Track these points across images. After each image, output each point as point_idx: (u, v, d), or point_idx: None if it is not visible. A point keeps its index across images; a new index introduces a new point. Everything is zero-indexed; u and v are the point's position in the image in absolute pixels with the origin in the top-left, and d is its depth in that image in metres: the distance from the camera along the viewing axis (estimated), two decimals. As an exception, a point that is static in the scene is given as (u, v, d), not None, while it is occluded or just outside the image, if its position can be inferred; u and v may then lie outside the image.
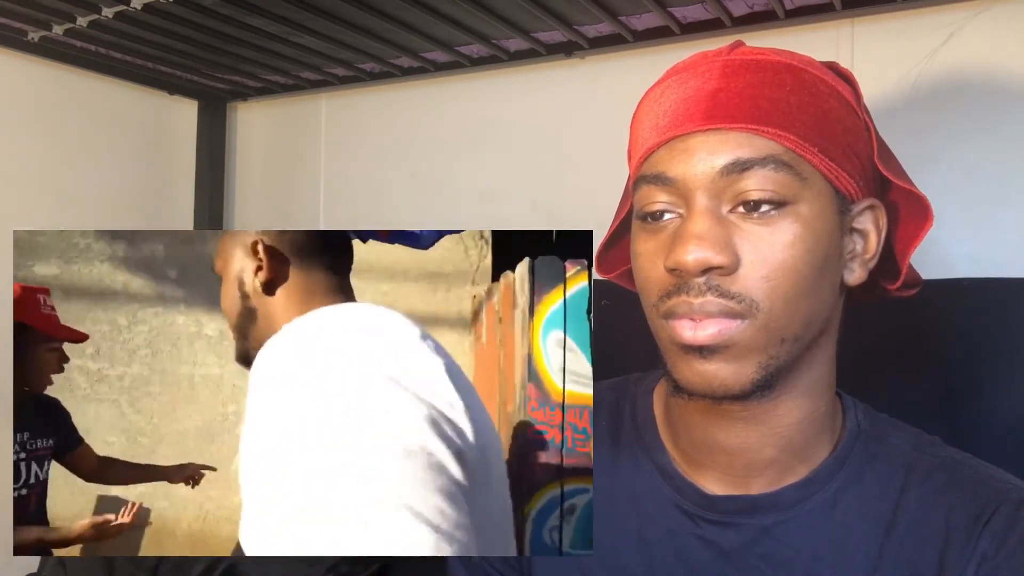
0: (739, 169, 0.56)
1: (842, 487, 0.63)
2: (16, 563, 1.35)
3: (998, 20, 1.01)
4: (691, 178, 0.57)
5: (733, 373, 0.57)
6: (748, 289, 0.55)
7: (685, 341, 0.56)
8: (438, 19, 1.17)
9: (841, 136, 0.58)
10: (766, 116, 0.56)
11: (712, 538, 0.64)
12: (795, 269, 0.56)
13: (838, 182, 0.58)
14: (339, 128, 1.64)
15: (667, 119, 0.59)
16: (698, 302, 0.56)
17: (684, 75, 0.61)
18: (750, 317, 0.56)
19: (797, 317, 0.57)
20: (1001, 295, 0.88)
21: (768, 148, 0.56)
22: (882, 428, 0.66)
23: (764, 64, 0.59)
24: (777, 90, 0.57)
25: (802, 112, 0.57)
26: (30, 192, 1.45)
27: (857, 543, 0.61)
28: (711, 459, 0.65)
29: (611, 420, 0.74)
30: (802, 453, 0.63)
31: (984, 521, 0.58)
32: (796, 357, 0.59)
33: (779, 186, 0.56)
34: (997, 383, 0.86)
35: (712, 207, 0.56)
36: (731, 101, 0.57)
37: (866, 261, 0.62)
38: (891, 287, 0.66)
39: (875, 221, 0.62)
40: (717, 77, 0.58)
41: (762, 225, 0.56)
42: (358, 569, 1.15)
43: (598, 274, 0.76)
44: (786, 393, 0.61)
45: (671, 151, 0.58)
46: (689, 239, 0.55)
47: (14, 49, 1.33)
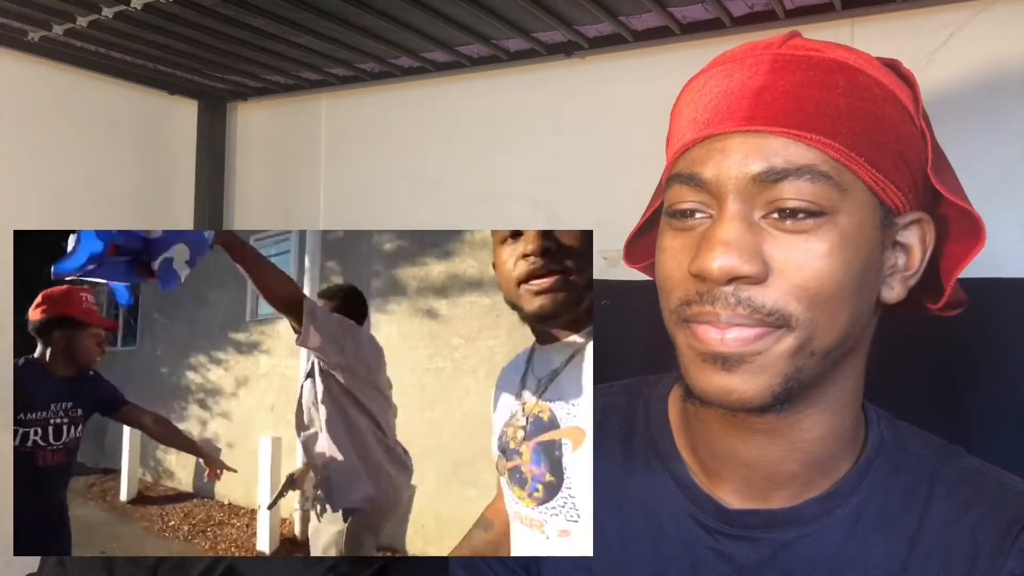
0: (773, 178, 0.53)
1: (864, 501, 0.61)
2: (16, 563, 1.35)
3: (998, 20, 1.01)
4: (724, 181, 0.54)
5: (754, 386, 0.54)
6: (783, 300, 0.52)
7: (711, 347, 0.54)
8: (438, 19, 1.17)
9: (893, 145, 0.55)
10: (811, 121, 0.53)
11: (729, 552, 0.62)
12: (833, 279, 0.52)
13: (883, 194, 0.55)
14: (339, 128, 1.64)
15: (707, 114, 0.56)
16: (726, 315, 0.53)
17: (730, 66, 0.57)
18: (784, 328, 0.53)
19: (833, 329, 0.54)
20: (1001, 295, 0.88)
21: (807, 157, 0.53)
22: (905, 439, 0.64)
23: (816, 62, 0.55)
24: (827, 92, 0.54)
25: (852, 118, 0.53)
26: (30, 192, 1.45)
27: (880, 558, 0.59)
28: (729, 470, 0.63)
29: (623, 425, 0.71)
30: (824, 468, 0.61)
31: (1013, 537, 0.56)
32: (822, 372, 0.56)
33: (816, 196, 0.52)
34: (997, 383, 0.85)
35: (744, 212, 0.53)
36: (775, 102, 0.53)
37: (907, 278, 0.58)
38: (933, 306, 0.62)
39: (921, 236, 0.58)
40: (765, 73, 0.55)
41: (796, 233, 0.53)
42: (358, 569, 1.15)
43: (625, 264, 0.73)
44: (810, 407, 0.58)
45: (708, 150, 0.55)
46: (716, 245, 0.52)
47: (14, 49, 1.33)
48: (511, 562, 0.72)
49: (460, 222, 1.49)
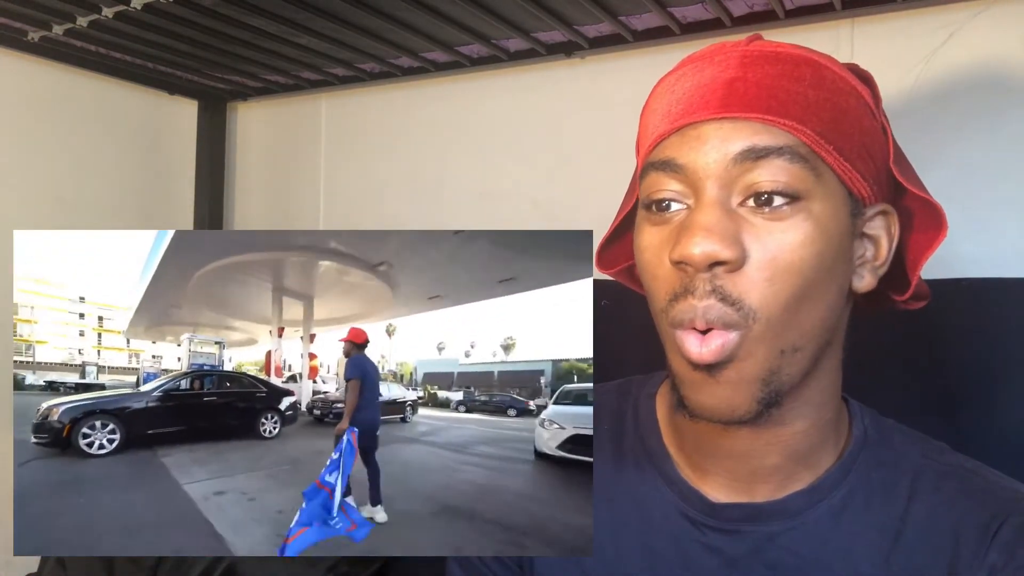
0: (754, 157, 0.54)
1: (848, 494, 0.62)
2: (16, 563, 1.35)
3: (998, 20, 1.01)
4: (702, 166, 0.55)
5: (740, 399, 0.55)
6: (747, 293, 0.54)
7: (692, 359, 0.55)
8: (438, 19, 1.17)
9: (857, 136, 0.56)
10: (783, 108, 0.54)
11: (717, 546, 0.63)
12: (800, 273, 0.54)
13: (851, 183, 0.56)
14: (339, 128, 1.64)
15: (680, 106, 0.57)
16: (702, 306, 0.54)
17: (700, 63, 0.59)
18: (745, 328, 0.54)
19: (796, 325, 0.55)
20: (1001, 295, 0.88)
21: (785, 139, 0.54)
22: (889, 434, 0.65)
23: (783, 56, 0.57)
24: (796, 83, 0.55)
25: (819, 108, 0.55)
26: (30, 192, 1.45)
27: (864, 551, 0.60)
28: (715, 465, 0.64)
29: (613, 424, 0.73)
30: (807, 460, 0.63)
31: (993, 532, 0.57)
32: (804, 370, 0.57)
33: (793, 178, 0.53)
34: (997, 382, 0.86)
35: (722, 198, 0.54)
36: (748, 91, 0.55)
37: (876, 268, 0.60)
38: (899, 298, 0.64)
39: (887, 227, 0.60)
40: (735, 67, 0.57)
41: (773, 221, 0.54)
42: (358, 569, 1.15)
43: (598, 270, 0.75)
44: (792, 402, 0.59)
45: (683, 137, 0.56)
46: (697, 230, 0.53)
47: (14, 49, 1.33)
48: (506, 559, 0.75)
49: (460, 222, 1.49)
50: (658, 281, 0.58)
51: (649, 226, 0.59)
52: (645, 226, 0.59)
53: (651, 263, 0.58)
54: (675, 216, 0.57)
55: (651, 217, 0.59)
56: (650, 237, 0.58)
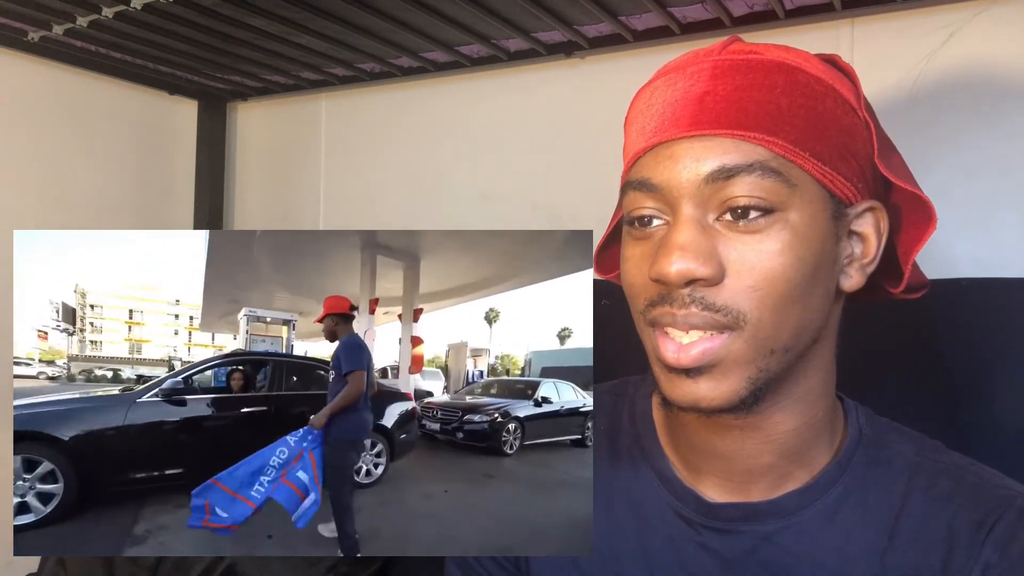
0: (725, 176, 0.54)
1: (843, 493, 0.62)
2: (16, 563, 1.35)
3: (998, 20, 1.01)
4: (676, 186, 0.56)
5: (720, 392, 0.56)
6: (733, 300, 0.54)
7: (669, 363, 0.56)
8: (438, 19, 1.17)
9: (836, 137, 0.56)
10: (753, 120, 0.55)
11: (713, 545, 0.64)
12: (784, 278, 0.54)
13: (832, 186, 0.56)
14: (339, 128, 1.64)
15: (653, 123, 0.58)
16: (681, 314, 0.55)
17: (673, 76, 0.59)
18: (736, 329, 0.55)
19: (786, 327, 0.55)
20: (1001, 295, 0.88)
21: (755, 154, 0.54)
22: (884, 433, 0.65)
23: (755, 64, 0.57)
24: (767, 92, 0.56)
25: (793, 115, 0.55)
26: (30, 192, 1.45)
27: (859, 550, 0.61)
28: (710, 465, 0.65)
29: (609, 424, 0.73)
30: (801, 459, 0.63)
31: (987, 529, 0.58)
32: (787, 368, 0.58)
33: (766, 192, 0.54)
34: (997, 382, 0.86)
35: (697, 216, 0.55)
36: (717, 106, 0.55)
37: (864, 265, 0.60)
38: (894, 290, 0.65)
39: (875, 224, 0.60)
40: (706, 79, 0.57)
41: (749, 233, 0.54)
42: (358, 569, 1.15)
43: (596, 274, 0.76)
44: (783, 400, 0.60)
45: (656, 157, 0.57)
46: (672, 250, 0.54)
47: (14, 49, 1.33)
48: (502, 560, 0.75)
49: (460, 222, 1.49)
50: (636, 289, 0.59)
51: (632, 240, 0.60)
52: (628, 240, 0.61)
53: (631, 273, 0.60)
54: (656, 231, 0.58)
55: (633, 232, 0.60)
56: (632, 250, 0.60)
